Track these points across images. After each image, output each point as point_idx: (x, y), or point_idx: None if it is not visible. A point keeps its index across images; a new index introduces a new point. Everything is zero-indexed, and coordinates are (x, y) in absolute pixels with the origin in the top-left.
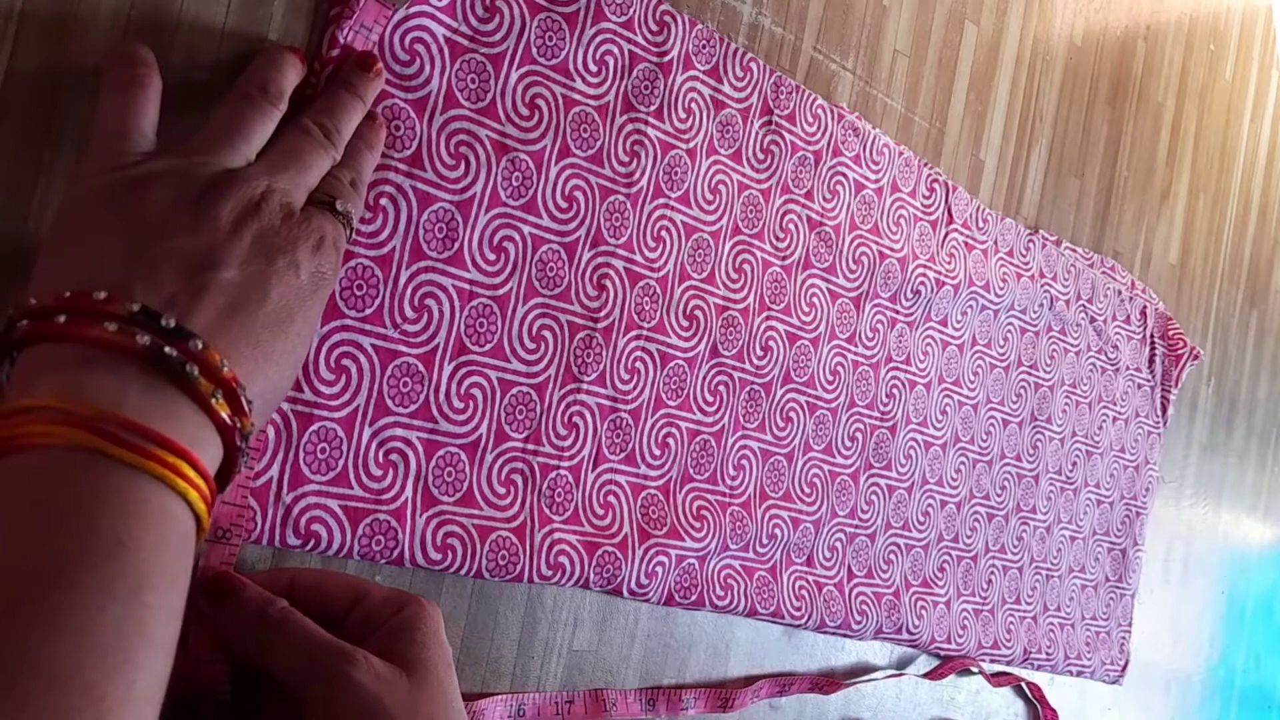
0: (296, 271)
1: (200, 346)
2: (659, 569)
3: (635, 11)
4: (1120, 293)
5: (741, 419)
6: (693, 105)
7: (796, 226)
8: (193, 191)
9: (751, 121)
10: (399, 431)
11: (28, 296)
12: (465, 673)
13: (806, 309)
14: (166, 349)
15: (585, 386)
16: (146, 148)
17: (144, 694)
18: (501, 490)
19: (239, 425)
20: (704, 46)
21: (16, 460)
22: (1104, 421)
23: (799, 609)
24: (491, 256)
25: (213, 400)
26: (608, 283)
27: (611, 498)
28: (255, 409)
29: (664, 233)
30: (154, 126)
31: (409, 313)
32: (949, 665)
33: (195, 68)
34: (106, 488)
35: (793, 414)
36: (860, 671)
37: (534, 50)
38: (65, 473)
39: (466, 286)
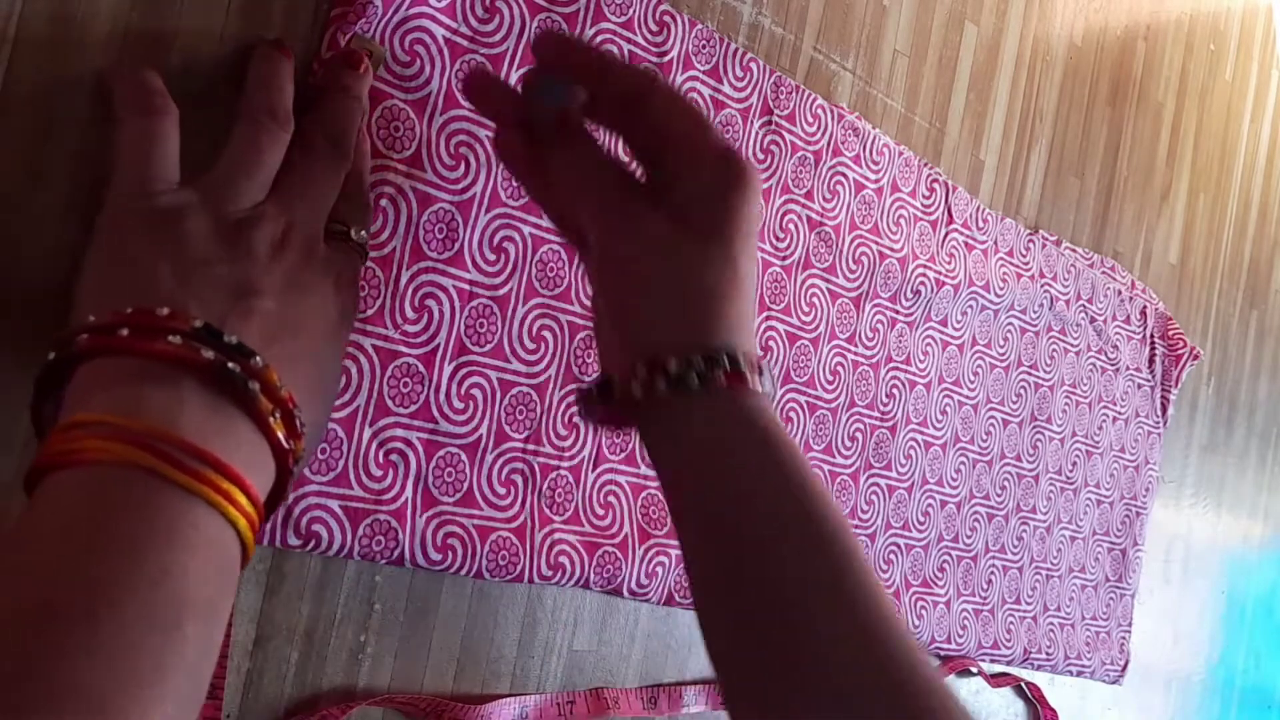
0: (326, 309)
1: (261, 364)
2: (659, 569)
3: (635, 11)
4: (1120, 293)
5: None
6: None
7: (796, 226)
8: (225, 225)
9: (751, 121)
10: (399, 432)
11: (79, 314)
12: (465, 673)
13: (806, 309)
14: (230, 364)
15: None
16: (173, 178)
17: (169, 716)
18: (502, 490)
19: (293, 448)
20: (704, 46)
21: (70, 474)
22: (1104, 421)
23: None
24: (492, 257)
25: (271, 419)
26: None
27: (612, 498)
28: (308, 435)
29: None
30: (177, 157)
31: (409, 313)
32: (948, 665)
33: (194, 73)
34: (158, 509)
35: (792, 414)
36: None
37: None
38: (117, 491)
39: (467, 287)
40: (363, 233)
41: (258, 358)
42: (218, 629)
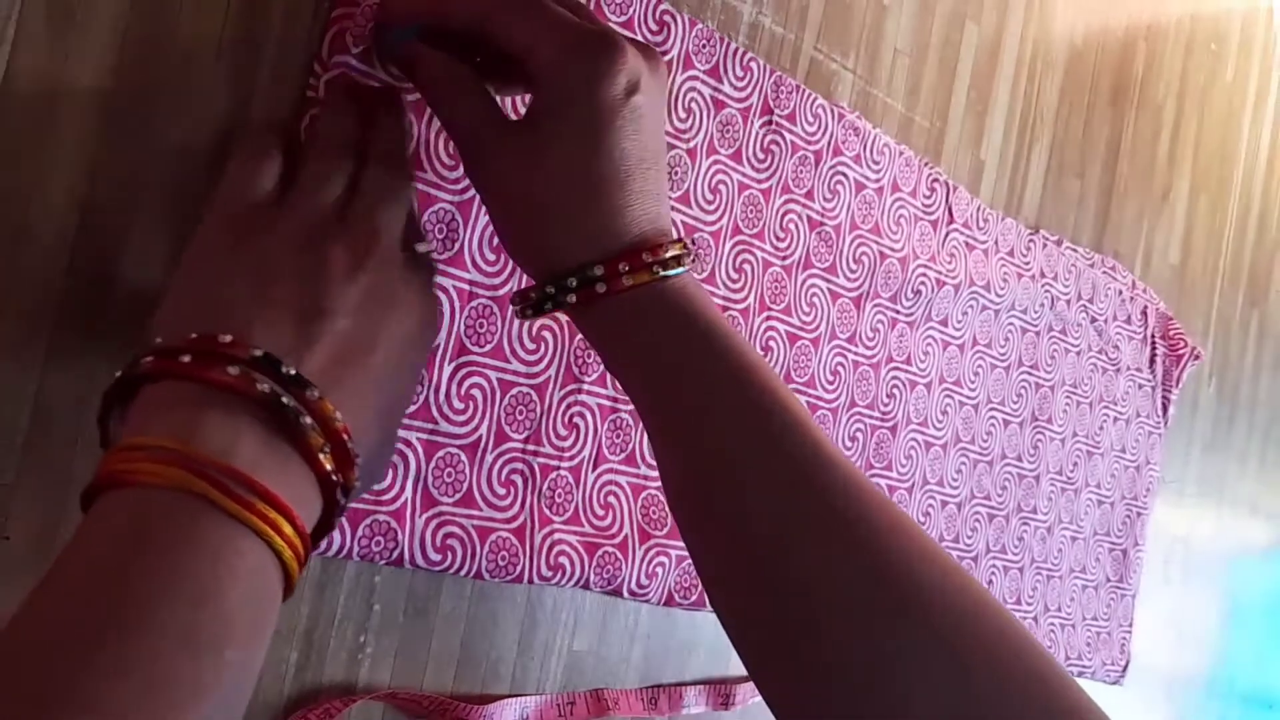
0: (406, 324)
1: (317, 396)
2: (659, 569)
3: (635, 11)
4: (1121, 293)
5: None
6: (693, 105)
7: (797, 226)
8: (310, 238)
9: (752, 121)
10: (399, 432)
11: (152, 335)
12: (465, 674)
13: (807, 309)
14: (284, 398)
15: (586, 387)
16: (269, 190)
17: None
18: (501, 491)
19: (341, 481)
20: (704, 46)
21: (124, 494)
22: (1105, 422)
23: None
24: (491, 257)
25: (320, 455)
26: None
27: (612, 498)
28: (361, 464)
29: None
30: (274, 183)
31: None
32: None
33: (194, 73)
34: (204, 534)
35: None
36: None
37: None
38: (167, 513)
39: (466, 287)
40: (427, 245)
41: (314, 390)
42: (256, 657)
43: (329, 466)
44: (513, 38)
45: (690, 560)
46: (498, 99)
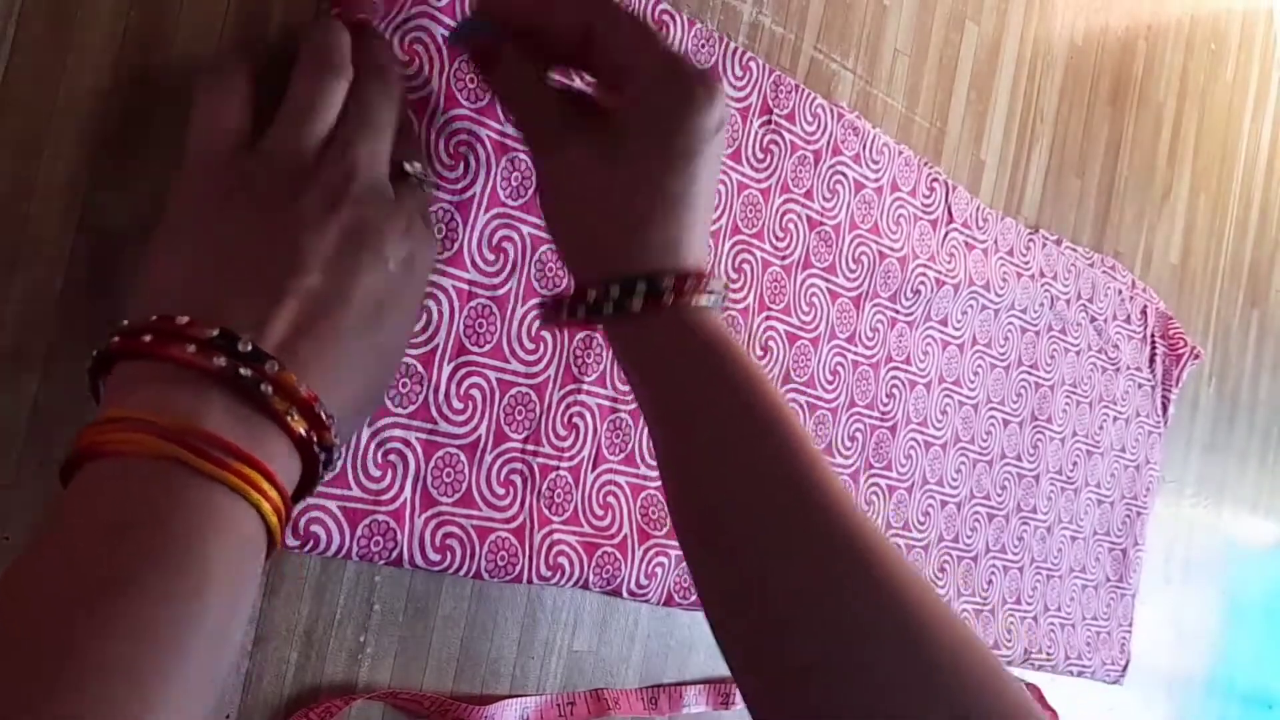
0: (385, 263)
1: (276, 369)
2: (659, 569)
3: (634, 11)
4: (1121, 292)
5: None
6: None
7: (796, 226)
8: (274, 196)
9: (751, 121)
10: (398, 432)
11: (130, 313)
12: (465, 674)
13: (806, 309)
14: (241, 370)
15: (585, 387)
16: (238, 135)
17: (194, 693)
18: (501, 491)
19: (316, 439)
20: (703, 46)
21: (101, 465)
22: (1105, 421)
23: None
24: (491, 257)
25: (289, 418)
26: None
27: (611, 498)
28: (344, 416)
29: None
30: (243, 125)
31: None
32: None
33: (194, 73)
34: (181, 495)
35: None
36: None
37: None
38: (144, 478)
39: (466, 287)
40: (417, 164)
41: (272, 363)
42: (241, 605)
43: (301, 430)
44: (623, 49)
45: None
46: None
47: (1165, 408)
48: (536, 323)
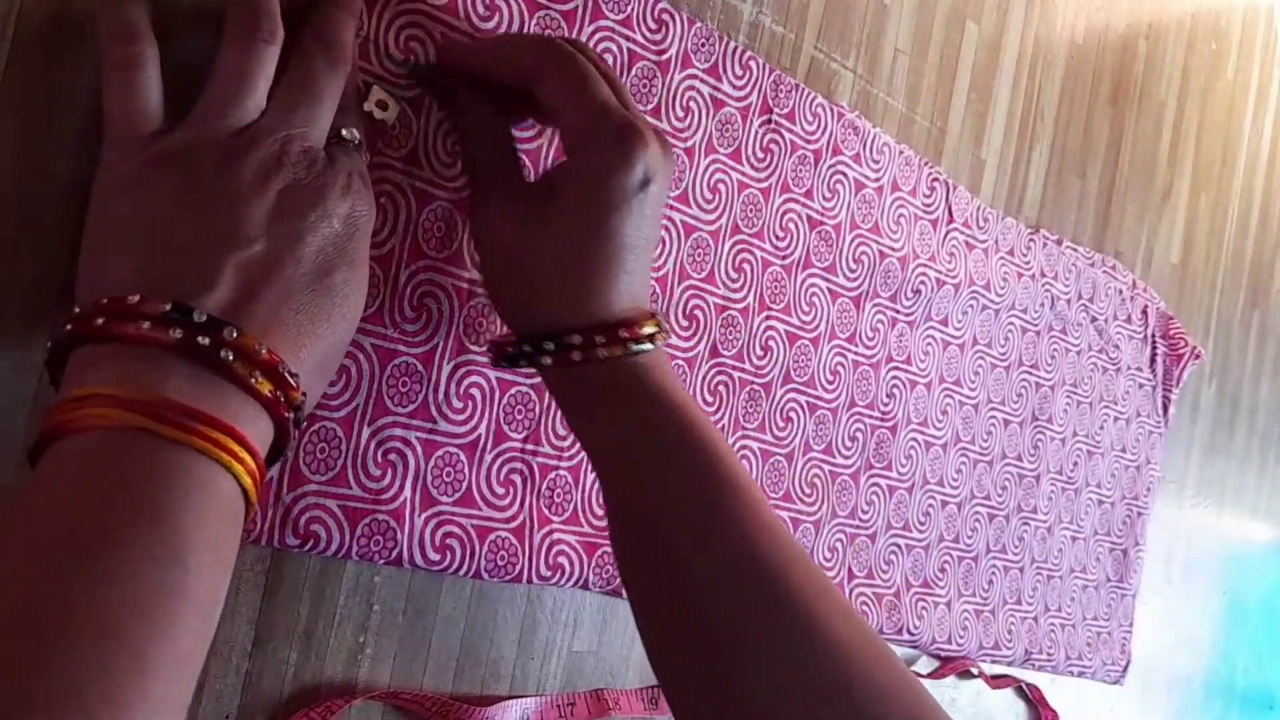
0: (330, 221)
1: (234, 335)
2: None
3: (633, 9)
4: (1121, 292)
5: (741, 419)
6: (691, 104)
7: (796, 225)
8: (208, 166)
9: (751, 120)
10: (398, 431)
11: (78, 300)
12: (465, 674)
13: (806, 308)
14: (200, 338)
15: None
16: (156, 126)
17: (184, 655)
18: (500, 490)
19: (283, 399)
20: (703, 45)
21: (72, 441)
22: (1105, 421)
23: None
24: None
25: (252, 380)
26: None
27: None
28: (308, 373)
29: (663, 232)
30: (159, 102)
31: (408, 312)
32: (948, 666)
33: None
34: (152, 462)
35: (793, 414)
36: None
37: None
38: (115, 450)
39: (465, 285)
40: (355, 132)
41: (231, 329)
42: (222, 569)
43: (266, 391)
44: (555, 103)
45: None
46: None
47: (1166, 408)
48: None
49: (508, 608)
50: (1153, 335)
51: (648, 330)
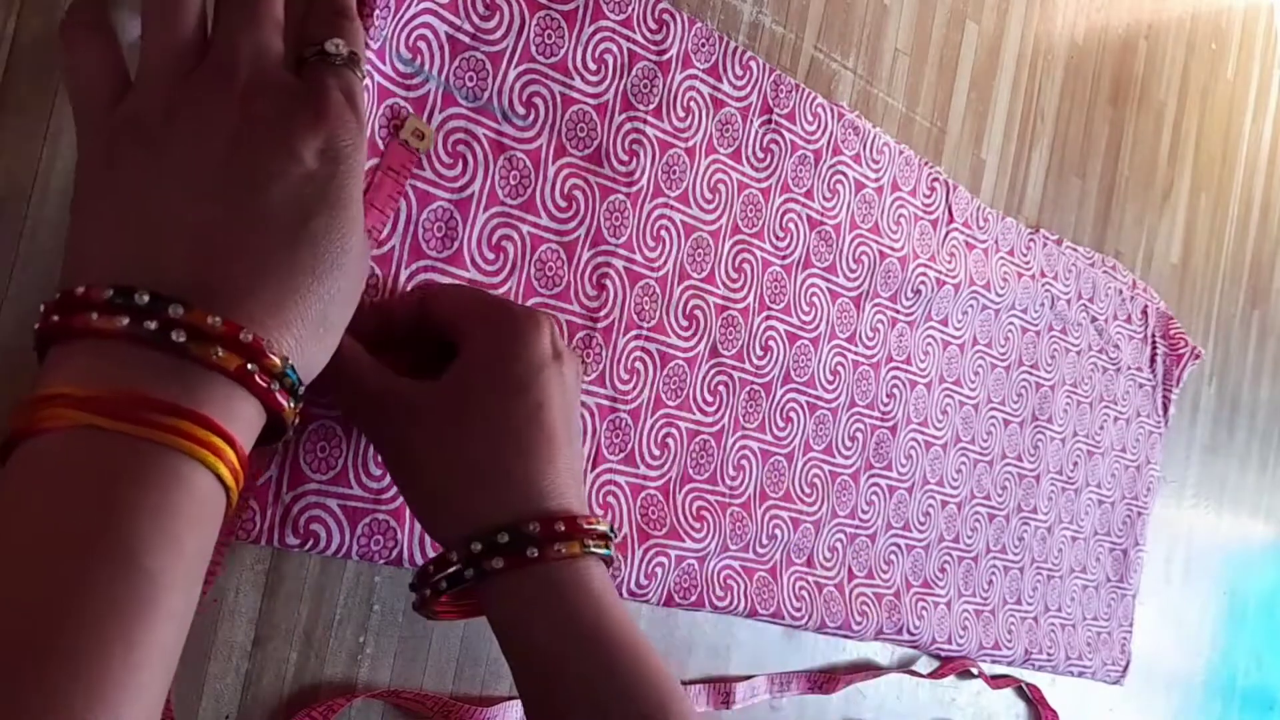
0: (296, 161)
1: (180, 311)
2: (658, 569)
3: (634, 9)
4: (1121, 292)
5: (741, 419)
6: (692, 104)
7: (796, 225)
8: (152, 121)
9: (751, 120)
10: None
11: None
12: (465, 673)
13: (806, 308)
14: (146, 323)
15: (584, 386)
16: (109, 91)
17: (145, 661)
18: None
19: (256, 369)
20: (703, 45)
21: (32, 444)
22: (1105, 421)
23: (799, 610)
24: (490, 256)
25: (213, 356)
26: (607, 282)
27: (611, 498)
28: (300, 333)
29: (663, 232)
30: (118, 67)
31: None
32: (948, 666)
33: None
34: (104, 458)
35: (793, 414)
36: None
37: (533, 48)
38: (67, 449)
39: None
40: (338, 43)
41: (176, 305)
42: (189, 563)
43: (233, 365)
44: (448, 311)
45: (689, 561)
46: None
47: (1166, 408)
48: None
49: None
50: (1153, 335)
51: (602, 528)
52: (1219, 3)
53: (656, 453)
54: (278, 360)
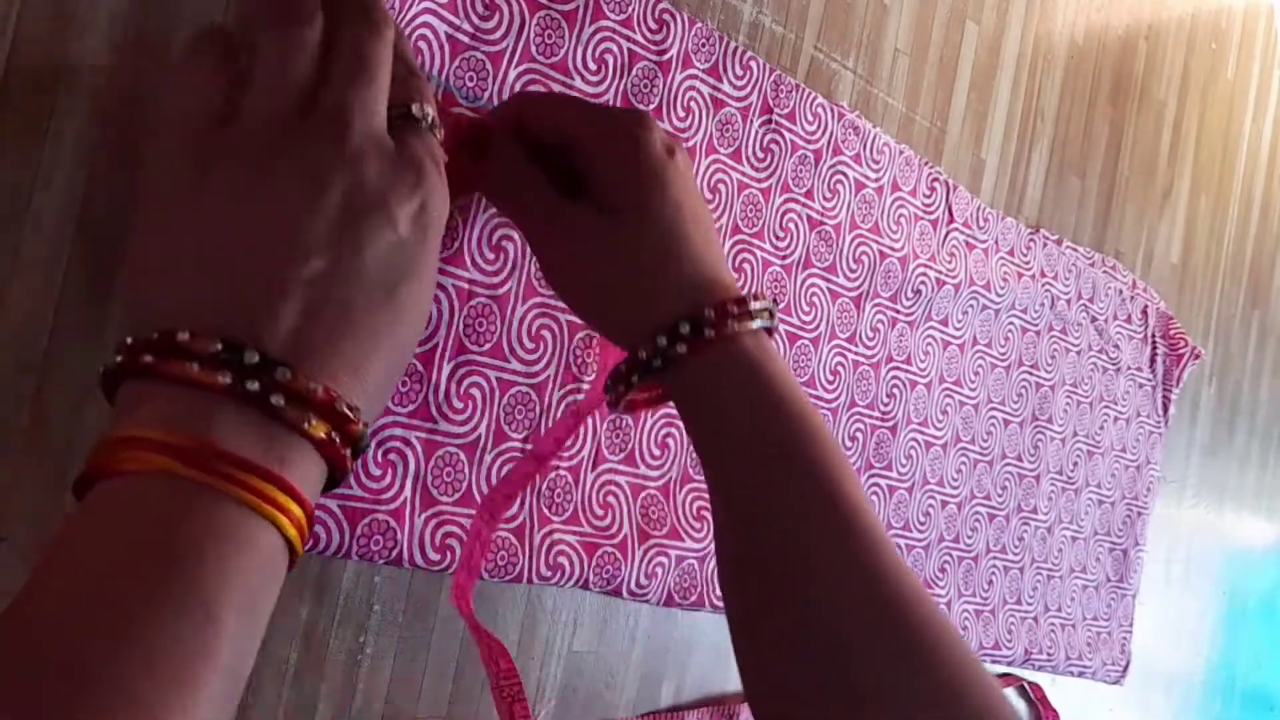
0: (393, 226)
1: (286, 375)
2: (659, 569)
3: (634, 9)
4: (1121, 292)
5: None
6: (692, 104)
7: (796, 225)
8: (258, 165)
9: (751, 120)
10: (398, 431)
11: (130, 320)
12: (465, 674)
13: (806, 308)
14: (249, 383)
15: (585, 387)
16: (206, 120)
17: (201, 716)
18: None
19: (338, 438)
20: (703, 45)
21: (112, 485)
22: (1105, 421)
23: None
24: (491, 256)
25: (306, 425)
26: None
27: (611, 498)
28: (370, 395)
29: None
30: (217, 95)
31: None
32: None
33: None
34: (187, 512)
35: None
36: None
37: (533, 48)
38: (151, 497)
39: (466, 286)
40: (425, 107)
41: (284, 370)
42: (255, 622)
43: (321, 434)
44: (548, 123)
45: (689, 560)
46: None
47: (1166, 408)
48: (537, 322)
49: (508, 608)
50: (1153, 335)
51: (762, 304)
52: (1219, 2)
53: (657, 452)
54: (361, 428)
